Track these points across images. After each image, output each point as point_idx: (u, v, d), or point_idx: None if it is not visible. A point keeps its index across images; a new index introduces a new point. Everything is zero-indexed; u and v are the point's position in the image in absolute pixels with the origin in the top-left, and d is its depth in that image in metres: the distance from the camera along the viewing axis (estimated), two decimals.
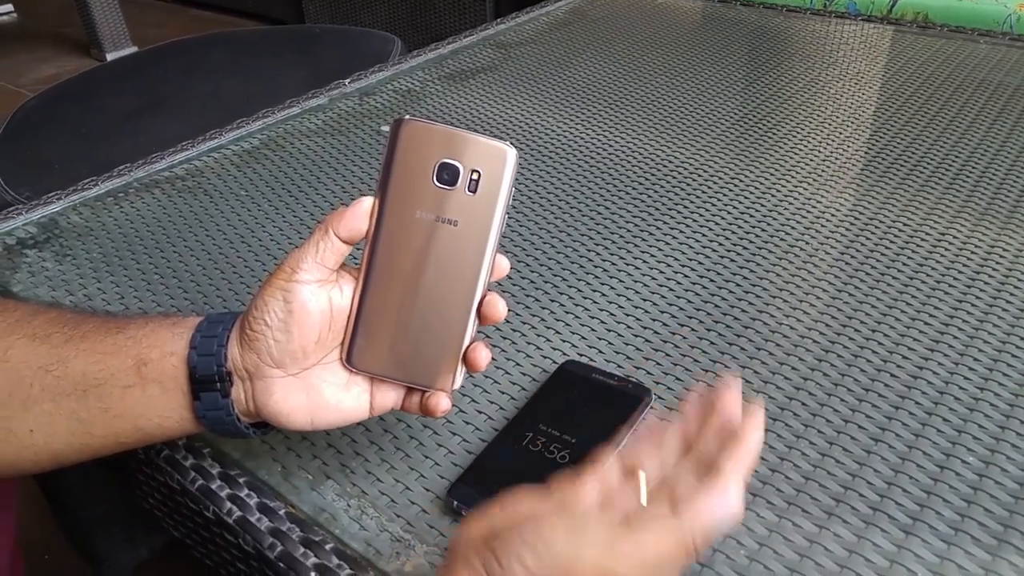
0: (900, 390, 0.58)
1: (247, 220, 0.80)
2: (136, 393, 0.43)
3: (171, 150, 0.93)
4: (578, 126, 0.97)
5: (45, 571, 1.09)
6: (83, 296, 0.70)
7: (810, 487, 0.51)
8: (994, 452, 0.53)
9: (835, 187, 0.83)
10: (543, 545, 0.35)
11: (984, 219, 0.77)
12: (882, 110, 0.99)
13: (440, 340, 0.45)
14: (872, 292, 0.68)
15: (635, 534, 0.35)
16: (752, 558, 0.47)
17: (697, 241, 0.76)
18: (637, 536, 0.35)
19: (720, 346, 0.63)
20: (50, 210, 0.84)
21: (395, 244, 0.43)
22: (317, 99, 1.04)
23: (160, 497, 0.59)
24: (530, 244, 0.76)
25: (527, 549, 0.35)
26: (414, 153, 0.43)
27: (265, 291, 0.43)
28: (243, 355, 0.43)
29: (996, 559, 0.47)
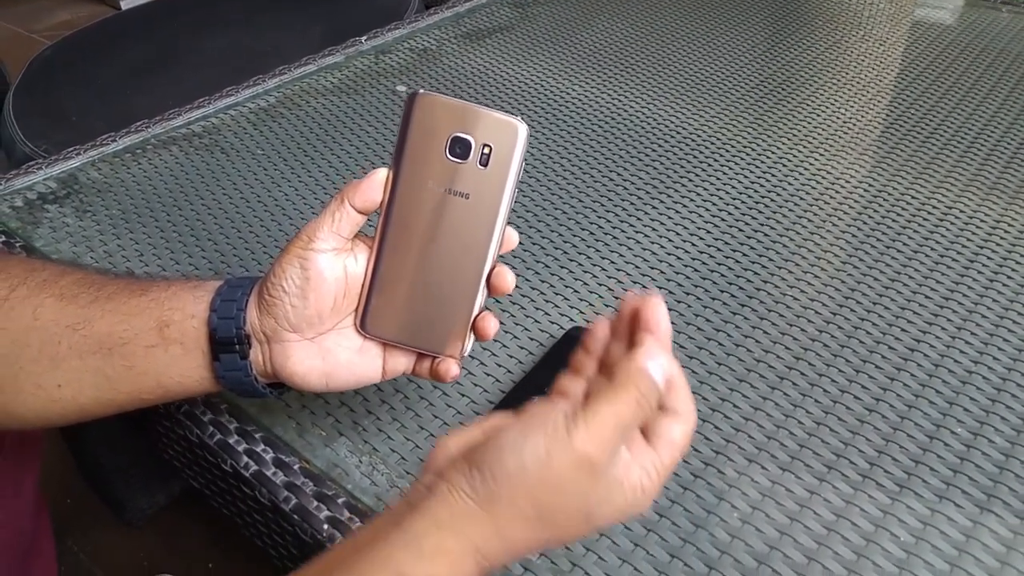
0: (896, 362, 0.60)
1: (263, 179, 0.82)
2: (159, 353, 0.45)
3: (188, 106, 0.94)
4: (593, 90, 0.97)
5: (67, 514, 1.13)
6: (103, 252, 0.72)
7: (804, 454, 0.53)
8: (983, 424, 0.55)
9: (848, 156, 0.84)
10: (519, 450, 0.36)
11: (992, 193, 0.78)
12: (900, 79, 0.99)
13: (451, 309, 0.46)
14: (876, 265, 0.69)
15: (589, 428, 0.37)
16: (745, 520, 0.49)
17: (707, 210, 0.77)
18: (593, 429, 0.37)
19: (724, 315, 0.64)
20: (70, 165, 0.85)
21: (408, 215, 0.45)
22: (333, 57, 1.05)
23: (179, 449, 0.61)
24: (541, 210, 0.77)
25: (508, 454, 0.36)
26: (428, 126, 0.44)
27: (283, 259, 0.44)
28: (261, 319, 0.45)
29: (977, 526, 0.49)
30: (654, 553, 0.48)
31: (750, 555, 0.47)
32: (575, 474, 0.36)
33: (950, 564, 0.47)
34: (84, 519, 1.13)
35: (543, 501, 0.36)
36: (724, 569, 0.47)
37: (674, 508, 0.50)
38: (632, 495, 0.38)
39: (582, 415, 0.37)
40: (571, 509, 0.37)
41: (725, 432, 0.55)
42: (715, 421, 0.55)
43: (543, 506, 0.36)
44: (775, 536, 0.48)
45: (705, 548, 0.48)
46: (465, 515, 0.36)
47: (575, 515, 0.37)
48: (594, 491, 0.37)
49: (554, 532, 0.38)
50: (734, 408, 0.56)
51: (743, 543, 0.48)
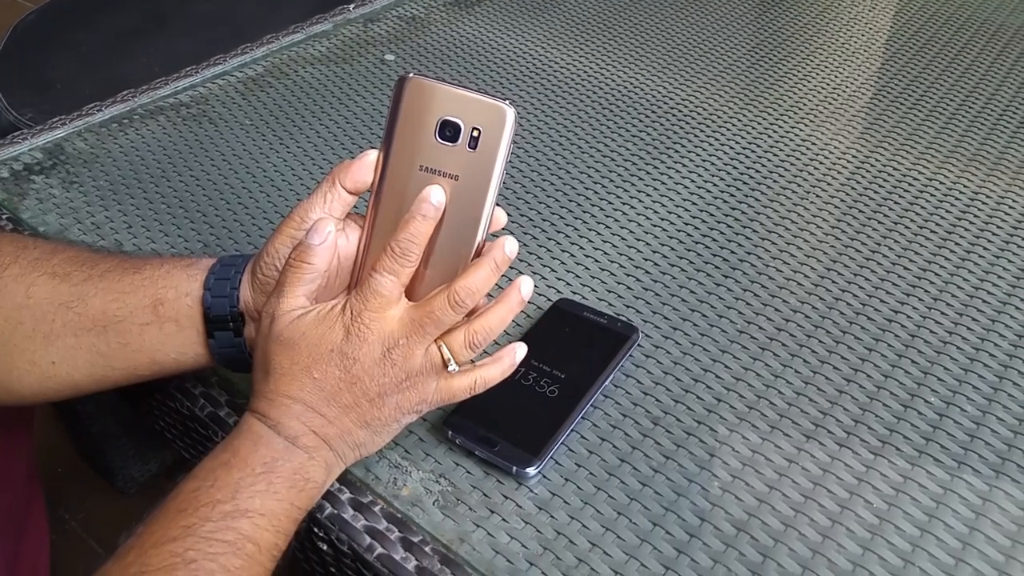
0: (875, 332, 0.61)
1: (251, 150, 0.82)
2: (153, 330, 0.46)
3: (175, 75, 0.94)
4: (581, 59, 0.97)
5: (59, 483, 1.14)
6: (91, 224, 0.72)
7: (784, 424, 0.55)
8: (955, 394, 0.57)
9: (833, 126, 0.85)
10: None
11: (973, 163, 0.79)
12: (884, 49, 1.00)
13: (440, 286, 0.47)
14: (858, 236, 0.70)
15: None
16: (725, 489, 0.51)
17: (693, 181, 0.77)
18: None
19: (708, 286, 0.66)
20: (56, 135, 0.85)
21: (398, 196, 0.45)
22: (321, 25, 1.04)
23: (170, 421, 0.62)
24: (529, 181, 0.77)
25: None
26: (417, 110, 0.44)
27: (276, 239, 0.45)
28: (255, 297, 0.46)
29: (947, 492, 0.50)
30: (636, 521, 0.49)
31: (729, 522, 0.49)
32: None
33: (920, 529, 0.48)
34: (76, 488, 1.14)
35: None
36: (705, 536, 0.48)
37: (656, 477, 0.51)
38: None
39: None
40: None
41: (707, 402, 0.56)
42: (697, 391, 0.57)
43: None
44: (754, 504, 0.50)
45: (686, 516, 0.49)
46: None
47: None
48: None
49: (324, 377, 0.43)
50: (716, 378, 0.58)
51: (723, 511, 0.50)
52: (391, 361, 0.43)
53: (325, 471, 0.45)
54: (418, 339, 0.44)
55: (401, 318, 0.44)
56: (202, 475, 0.42)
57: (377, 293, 0.43)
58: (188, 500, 0.41)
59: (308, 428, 0.43)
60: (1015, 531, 0.48)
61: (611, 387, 0.57)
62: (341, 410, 0.44)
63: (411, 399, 0.45)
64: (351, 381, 0.43)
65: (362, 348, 0.43)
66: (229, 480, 0.41)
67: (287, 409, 0.43)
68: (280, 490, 0.42)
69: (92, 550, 1.07)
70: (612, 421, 0.55)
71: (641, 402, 0.56)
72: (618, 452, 0.53)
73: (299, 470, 0.43)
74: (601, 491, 0.51)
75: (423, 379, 0.45)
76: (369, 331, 0.43)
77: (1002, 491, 0.51)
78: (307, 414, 0.43)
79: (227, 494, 0.41)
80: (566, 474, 0.52)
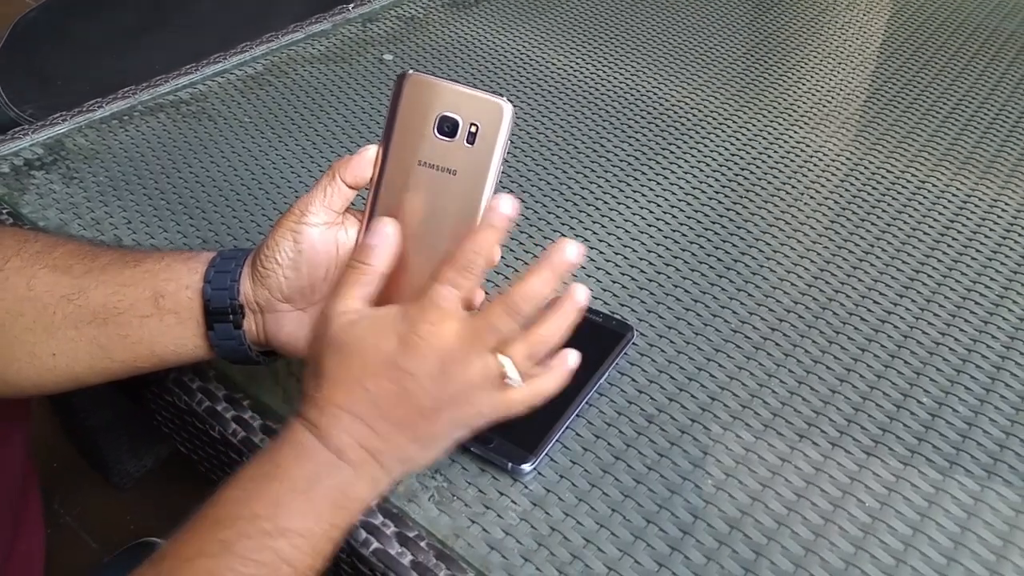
0: (868, 333, 0.62)
1: (251, 147, 0.82)
2: (154, 323, 0.46)
3: (175, 73, 0.94)
4: (578, 60, 0.98)
5: (54, 477, 1.15)
6: (91, 220, 0.73)
7: (777, 423, 0.55)
8: (948, 394, 0.57)
9: (827, 128, 0.85)
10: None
11: (966, 165, 0.79)
12: (877, 53, 1.00)
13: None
14: (851, 238, 0.71)
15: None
16: (719, 487, 0.51)
17: (688, 182, 0.78)
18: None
19: (703, 286, 0.66)
20: (56, 131, 0.85)
21: (397, 190, 0.46)
22: (320, 24, 1.05)
23: (168, 415, 0.63)
24: (526, 181, 0.78)
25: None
26: (417, 106, 0.45)
27: (276, 232, 0.45)
28: (255, 290, 0.46)
29: (940, 492, 0.51)
30: (631, 518, 0.50)
31: (723, 520, 0.49)
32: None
33: (913, 528, 0.49)
34: (70, 482, 1.14)
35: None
36: (698, 534, 0.49)
37: (650, 475, 0.52)
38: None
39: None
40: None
41: (701, 401, 0.57)
42: (691, 390, 0.57)
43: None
44: (747, 502, 0.50)
45: (680, 513, 0.50)
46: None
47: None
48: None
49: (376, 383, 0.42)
50: (711, 377, 0.58)
51: (717, 508, 0.50)
52: (448, 376, 0.42)
53: (370, 487, 0.43)
54: (476, 351, 0.42)
55: (459, 331, 0.42)
56: (243, 483, 0.41)
57: (437, 305, 0.42)
58: (227, 511, 0.40)
59: (356, 441, 0.42)
60: (1007, 531, 0.49)
61: (606, 385, 0.57)
62: (392, 425, 0.42)
63: (467, 413, 0.43)
64: (405, 395, 0.42)
65: (418, 362, 0.41)
66: (270, 494, 0.40)
67: (336, 419, 0.42)
68: (322, 510, 0.41)
69: (87, 544, 1.07)
70: (607, 419, 0.55)
71: (636, 400, 0.57)
72: (613, 449, 0.53)
73: (343, 487, 0.42)
74: (596, 488, 0.51)
75: (480, 392, 0.43)
76: (426, 344, 0.41)
77: (994, 491, 0.51)
78: (356, 426, 0.42)
79: (268, 509, 0.40)
80: (561, 471, 0.52)
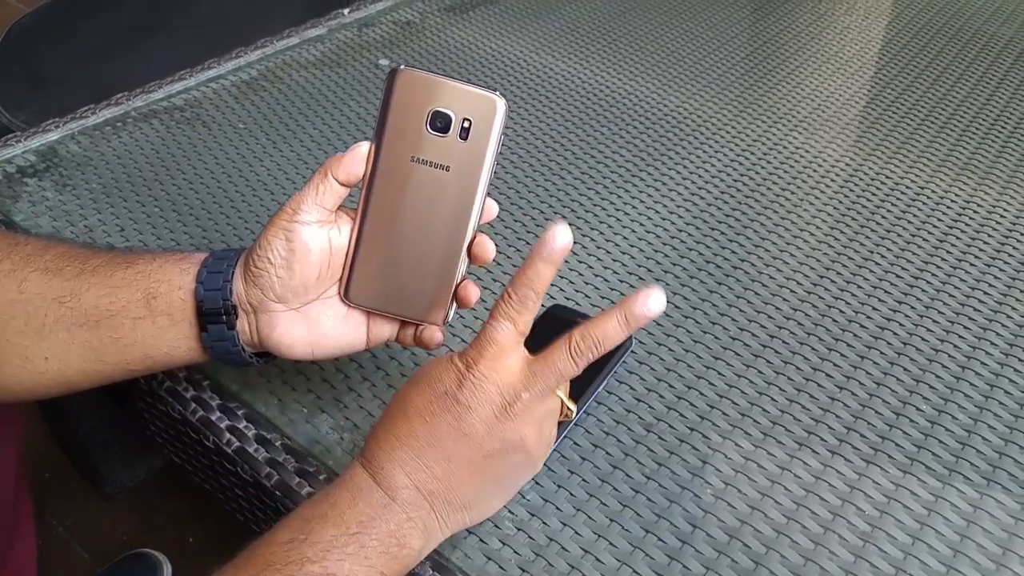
0: (867, 340, 0.61)
1: (245, 153, 0.82)
2: (146, 324, 0.46)
3: (168, 79, 0.94)
4: (575, 66, 0.97)
5: (46, 488, 1.14)
6: (84, 227, 0.72)
7: (776, 431, 0.55)
8: (947, 402, 0.57)
9: (827, 134, 0.85)
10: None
11: (965, 171, 0.79)
12: (876, 59, 1.00)
13: (433, 277, 0.47)
14: (851, 244, 0.70)
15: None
16: (718, 496, 0.51)
17: (687, 188, 0.78)
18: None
19: (702, 292, 0.66)
20: (49, 138, 0.85)
21: (390, 187, 0.46)
22: (316, 29, 1.04)
23: (161, 425, 0.62)
24: (523, 187, 0.77)
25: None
26: (408, 101, 0.45)
27: (268, 231, 0.45)
28: (248, 290, 0.46)
29: (944, 490, 0.50)
30: (629, 528, 0.49)
31: (722, 529, 0.49)
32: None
33: (912, 537, 0.48)
34: (63, 492, 1.13)
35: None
36: (697, 543, 0.48)
37: (649, 484, 0.51)
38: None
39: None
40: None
41: (700, 409, 0.56)
42: (690, 398, 0.57)
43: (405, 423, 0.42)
44: (746, 511, 0.50)
45: (679, 523, 0.49)
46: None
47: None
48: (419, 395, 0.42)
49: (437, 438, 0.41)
50: (710, 385, 0.58)
51: (716, 518, 0.49)
52: (511, 415, 0.41)
53: (423, 536, 0.42)
54: (540, 392, 0.42)
55: (522, 369, 0.42)
56: (298, 524, 0.41)
57: (493, 341, 0.41)
58: (279, 554, 0.39)
59: (411, 481, 0.41)
60: (1006, 539, 0.48)
61: (604, 393, 0.57)
62: (451, 464, 0.41)
63: (537, 453, 0.44)
64: (465, 432, 0.41)
65: (478, 397, 0.41)
66: (323, 536, 0.40)
67: (392, 454, 0.41)
68: (372, 555, 0.40)
69: (79, 556, 1.07)
70: (605, 427, 0.55)
71: (634, 409, 0.56)
72: (611, 459, 0.53)
73: (395, 532, 0.41)
74: (594, 497, 0.51)
75: (550, 429, 0.44)
76: (486, 380, 0.41)
77: (993, 499, 0.51)
78: (412, 464, 0.41)
79: (318, 552, 0.39)
80: (559, 480, 0.52)
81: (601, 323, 0.42)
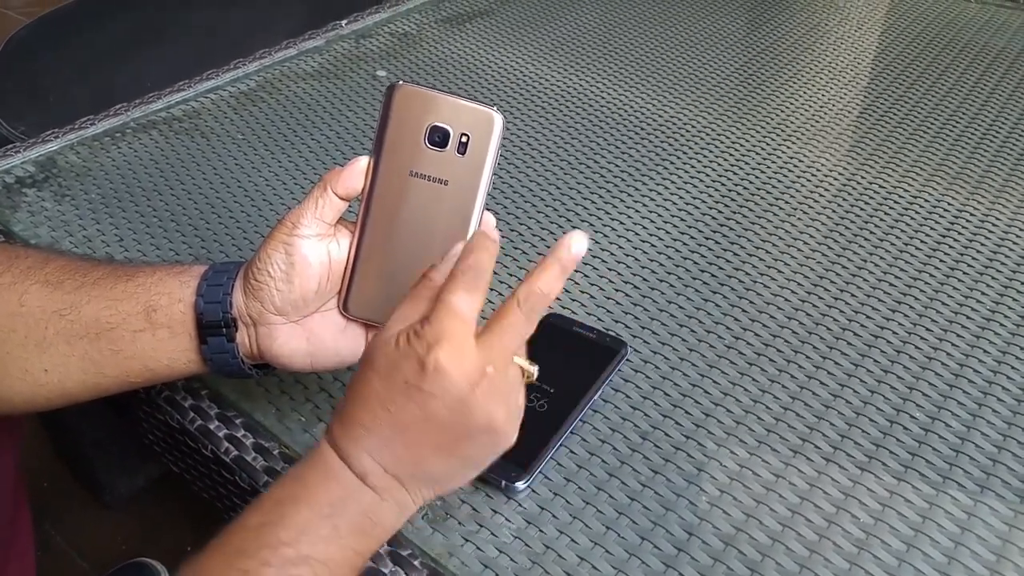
0: (861, 348, 0.62)
1: (243, 164, 0.82)
2: (146, 337, 0.46)
3: (168, 90, 0.94)
4: (572, 76, 0.98)
5: (44, 497, 1.14)
6: (83, 237, 0.72)
7: (771, 439, 0.55)
8: (940, 409, 0.57)
9: (820, 144, 0.86)
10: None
11: (957, 180, 0.80)
12: (870, 69, 1.01)
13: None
14: (844, 253, 0.71)
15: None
16: (713, 504, 0.51)
17: (681, 197, 0.78)
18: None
19: (696, 301, 0.66)
20: (48, 148, 0.85)
21: (389, 201, 0.46)
22: (314, 40, 1.05)
23: (160, 434, 0.62)
24: (520, 196, 0.78)
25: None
26: (407, 116, 0.45)
27: (268, 244, 0.45)
28: (247, 303, 0.46)
29: (938, 497, 0.51)
30: (625, 535, 0.49)
31: (717, 536, 0.49)
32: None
33: (907, 544, 0.49)
34: (61, 502, 1.13)
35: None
36: (692, 550, 0.48)
37: (645, 491, 0.52)
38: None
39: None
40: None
41: (696, 416, 0.56)
42: (686, 406, 0.57)
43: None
44: (742, 518, 0.50)
45: (675, 530, 0.50)
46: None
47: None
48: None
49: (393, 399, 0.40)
50: (705, 393, 0.58)
51: (711, 525, 0.50)
52: (477, 396, 0.39)
53: (396, 513, 0.41)
54: (503, 363, 0.40)
55: (480, 343, 0.39)
56: (268, 507, 0.40)
57: (454, 314, 0.39)
58: (251, 539, 0.39)
59: (379, 466, 0.40)
60: (1000, 546, 0.49)
61: (600, 401, 0.57)
62: (418, 449, 0.40)
63: (508, 429, 0.41)
64: (430, 420, 0.39)
65: (441, 384, 0.39)
66: (296, 519, 0.39)
67: (359, 441, 0.40)
68: (345, 535, 0.40)
69: (78, 565, 1.06)
70: (601, 435, 0.55)
71: (630, 416, 0.56)
72: (607, 466, 0.53)
73: (368, 511, 0.40)
74: (590, 505, 0.51)
75: (516, 400, 0.42)
76: (448, 363, 0.38)
77: (987, 506, 0.51)
78: (379, 450, 0.40)
79: (292, 535, 0.39)
80: (555, 488, 0.52)
81: (540, 274, 0.40)
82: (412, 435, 0.40)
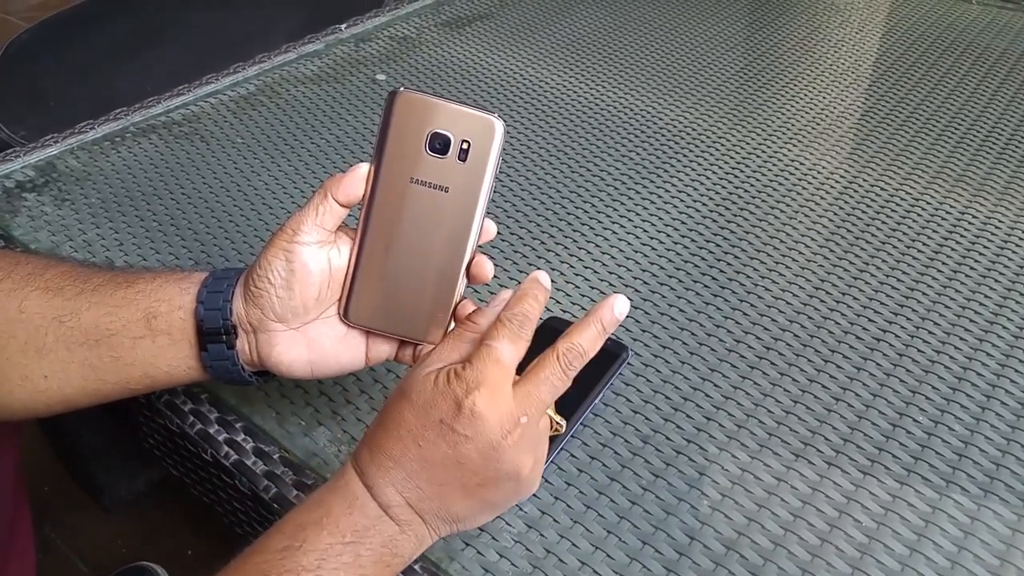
0: (863, 352, 0.62)
1: (243, 168, 0.82)
2: (146, 344, 0.46)
3: (167, 94, 0.94)
4: (571, 79, 0.98)
5: (44, 500, 1.13)
6: (83, 242, 0.72)
7: (772, 443, 0.55)
8: (943, 413, 0.57)
9: (820, 147, 0.86)
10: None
11: (959, 184, 0.80)
12: (871, 72, 1.01)
13: (432, 297, 0.47)
14: (845, 256, 0.71)
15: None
16: (715, 508, 0.51)
17: (682, 201, 0.78)
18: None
19: (697, 304, 0.66)
20: (48, 153, 0.85)
21: (389, 208, 0.46)
22: (313, 44, 1.05)
23: (160, 438, 0.62)
24: (519, 200, 0.78)
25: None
26: (408, 123, 0.45)
27: (268, 251, 0.45)
28: (247, 310, 0.46)
29: (941, 501, 0.51)
30: (626, 540, 0.49)
31: (719, 541, 0.49)
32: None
33: (909, 549, 0.49)
34: (62, 505, 1.13)
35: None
36: (694, 555, 0.48)
37: (646, 495, 0.51)
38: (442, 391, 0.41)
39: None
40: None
41: (697, 421, 0.56)
42: (687, 410, 0.57)
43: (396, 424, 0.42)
44: (743, 523, 0.50)
45: (676, 535, 0.49)
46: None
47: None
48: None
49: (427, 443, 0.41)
50: (706, 397, 0.58)
51: (712, 530, 0.50)
52: (509, 444, 0.40)
53: (415, 545, 0.42)
54: (537, 414, 0.42)
55: (516, 392, 0.41)
56: (291, 531, 0.40)
57: (496, 362, 0.41)
58: (274, 562, 0.39)
59: (403, 499, 0.41)
60: (1003, 550, 0.49)
61: (601, 406, 0.57)
62: (443, 487, 0.41)
63: (532, 478, 0.43)
64: (460, 461, 0.40)
65: (476, 428, 0.40)
66: (318, 544, 0.40)
67: (386, 472, 0.41)
68: (366, 564, 0.40)
69: (78, 569, 1.06)
70: (602, 439, 0.55)
71: (631, 421, 0.56)
72: (607, 471, 0.53)
73: (388, 543, 0.41)
74: (591, 510, 0.51)
75: (542, 453, 0.43)
76: (484, 409, 0.40)
77: (990, 511, 0.51)
78: (405, 483, 0.41)
79: (313, 560, 0.39)
80: (556, 493, 0.52)
81: (582, 332, 0.43)
82: (439, 473, 0.41)
